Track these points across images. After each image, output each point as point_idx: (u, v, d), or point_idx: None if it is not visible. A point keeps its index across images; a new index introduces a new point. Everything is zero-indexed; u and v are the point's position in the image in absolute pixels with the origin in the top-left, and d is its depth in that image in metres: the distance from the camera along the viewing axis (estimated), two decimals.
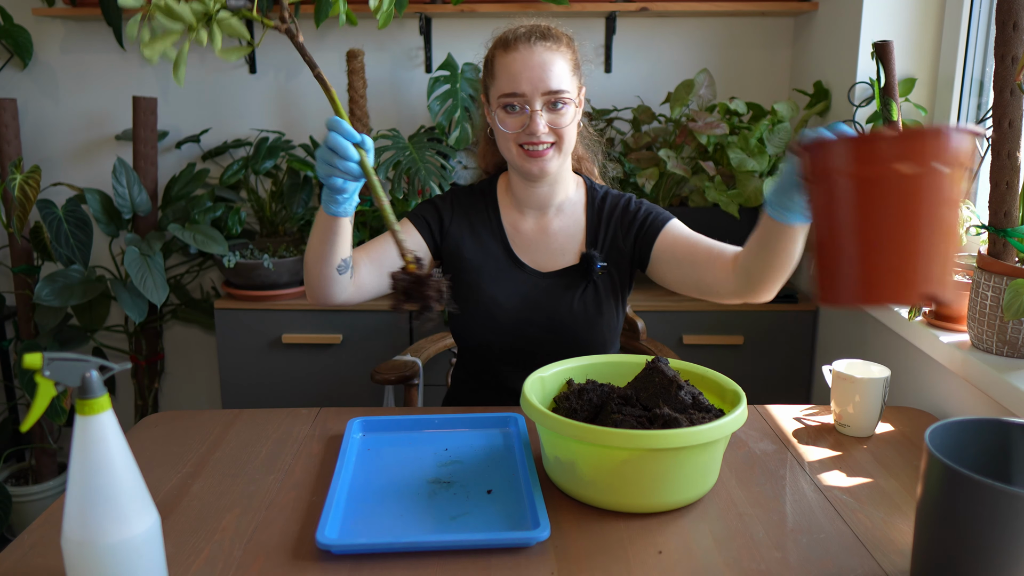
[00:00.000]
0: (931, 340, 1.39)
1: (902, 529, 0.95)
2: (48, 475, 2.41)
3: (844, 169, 0.80)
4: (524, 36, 1.26)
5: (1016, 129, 1.19)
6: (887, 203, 0.78)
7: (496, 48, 1.28)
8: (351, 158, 1.01)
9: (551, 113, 1.26)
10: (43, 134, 2.51)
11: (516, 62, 1.24)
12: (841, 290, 0.82)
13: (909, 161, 0.76)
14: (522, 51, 1.24)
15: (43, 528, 0.95)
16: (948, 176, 0.77)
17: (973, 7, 1.76)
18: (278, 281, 2.18)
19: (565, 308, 1.35)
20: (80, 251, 2.15)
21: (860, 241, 0.80)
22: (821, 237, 0.83)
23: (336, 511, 0.95)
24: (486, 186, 1.43)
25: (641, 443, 0.91)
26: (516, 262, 1.38)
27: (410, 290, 0.97)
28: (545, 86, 1.23)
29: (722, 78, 2.42)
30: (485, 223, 1.40)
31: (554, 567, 0.87)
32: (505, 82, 1.25)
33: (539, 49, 1.24)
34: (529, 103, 1.24)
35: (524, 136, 1.26)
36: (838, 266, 0.82)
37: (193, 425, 1.24)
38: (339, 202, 1.09)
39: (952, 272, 0.80)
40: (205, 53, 2.45)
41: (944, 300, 0.84)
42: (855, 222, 0.80)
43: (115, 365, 0.76)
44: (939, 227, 0.78)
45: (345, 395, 2.20)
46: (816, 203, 0.85)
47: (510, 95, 1.25)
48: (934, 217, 0.77)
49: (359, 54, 2.26)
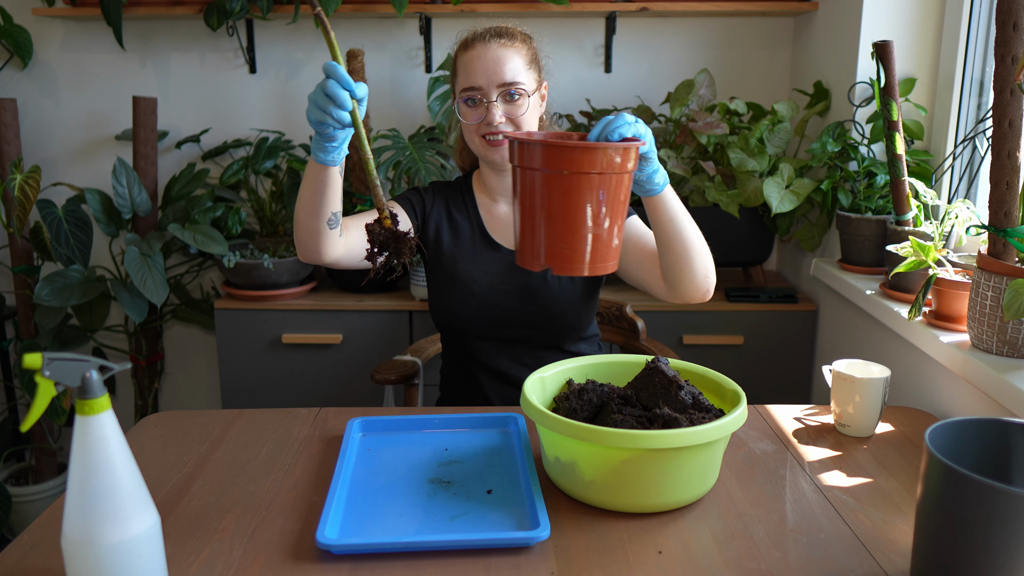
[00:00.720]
0: (931, 340, 1.39)
1: (902, 529, 0.95)
2: (48, 475, 2.41)
3: (515, 162, 1.01)
4: (481, 36, 1.36)
5: (1016, 129, 1.19)
6: (535, 193, 0.99)
7: (459, 48, 1.39)
8: (344, 106, 1.01)
9: (507, 104, 1.34)
10: (43, 134, 2.51)
11: (473, 59, 1.34)
12: (521, 255, 1.04)
13: (550, 166, 0.97)
14: (478, 48, 1.34)
15: (43, 528, 0.95)
16: (587, 178, 0.97)
17: (973, 7, 1.76)
18: (278, 281, 2.18)
19: (538, 279, 1.40)
20: (80, 251, 2.15)
21: (521, 219, 1.03)
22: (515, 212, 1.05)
23: (336, 511, 0.95)
24: (462, 180, 1.52)
25: (641, 443, 0.91)
26: (490, 243, 1.45)
27: (385, 243, 1.03)
28: (500, 78, 1.33)
29: (722, 78, 2.42)
30: (461, 209, 1.47)
31: (554, 567, 0.87)
32: (464, 77, 1.35)
33: (494, 46, 1.34)
34: (486, 95, 1.34)
35: (484, 127, 1.35)
36: (519, 236, 1.04)
37: (193, 425, 1.24)
38: (328, 150, 1.09)
39: (591, 251, 1.00)
40: (204, 53, 2.45)
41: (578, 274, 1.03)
42: (520, 204, 1.02)
43: (115, 365, 0.76)
44: (570, 215, 0.98)
45: (345, 395, 2.20)
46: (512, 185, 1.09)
47: (469, 89, 1.34)
48: (569, 207, 0.98)
49: (359, 54, 2.25)
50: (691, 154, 2.23)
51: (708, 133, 2.09)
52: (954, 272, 1.42)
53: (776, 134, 2.11)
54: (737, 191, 2.07)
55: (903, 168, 1.68)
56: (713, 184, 2.11)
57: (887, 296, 1.64)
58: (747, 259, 2.23)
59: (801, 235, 2.15)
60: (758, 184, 2.04)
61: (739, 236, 2.17)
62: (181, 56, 2.46)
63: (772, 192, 1.99)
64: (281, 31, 2.43)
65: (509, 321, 1.41)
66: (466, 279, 1.41)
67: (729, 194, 2.08)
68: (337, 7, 2.12)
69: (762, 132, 2.09)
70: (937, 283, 1.41)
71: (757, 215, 2.16)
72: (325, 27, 0.97)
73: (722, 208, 2.09)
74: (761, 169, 2.07)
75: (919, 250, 1.44)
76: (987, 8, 1.73)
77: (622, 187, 1.01)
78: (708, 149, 2.16)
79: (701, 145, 2.18)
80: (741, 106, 2.17)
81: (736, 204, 2.08)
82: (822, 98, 2.15)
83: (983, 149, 1.70)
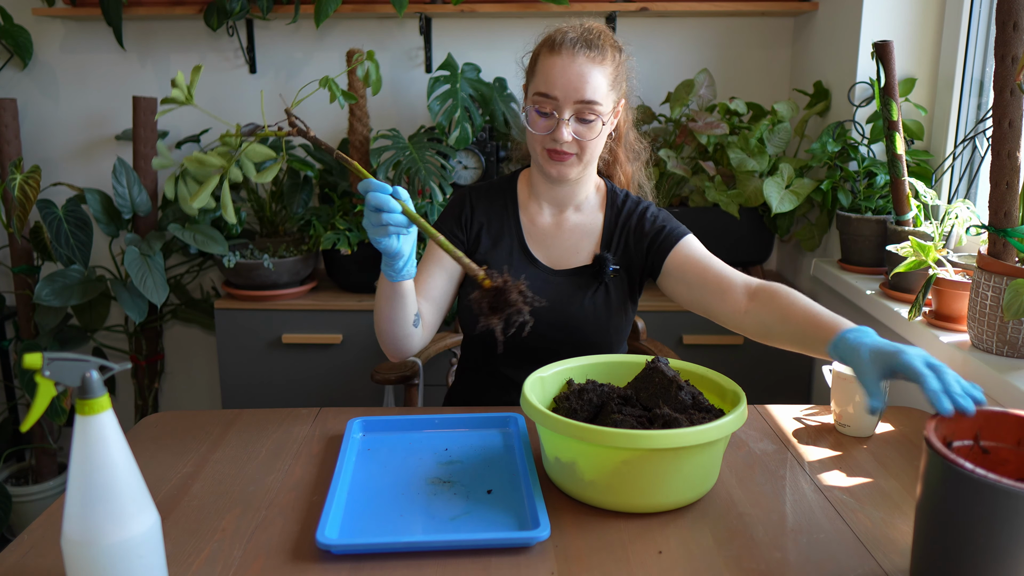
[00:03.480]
0: (931, 340, 1.39)
1: (902, 529, 0.95)
2: (48, 475, 2.41)
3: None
4: (571, 42, 1.26)
5: (1016, 129, 1.19)
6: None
7: (543, 46, 1.30)
8: (394, 209, 1.04)
9: (579, 124, 1.27)
10: (43, 134, 2.51)
11: (556, 66, 1.25)
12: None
13: None
14: (564, 56, 1.25)
15: (43, 528, 0.95)
16: None
17: (973, 7, 1.76)
18: (278, 281, 2.18)
19: (575, 307, 1.36)
20: (80, 251, 2.15)
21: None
22: None
23: (336, 511, 0.95)
24: (506, 182, 1.46)
25: (641, 443, 0.91)
26: (530, 258, 1.40)
27: (495, 303, 1.00)
28: (578, 96, 1.25)
29: (722, 78, 2.42)
30: (502, 217, 1.42)
31: (554, 567, 0.87)
32: (542, 81, 1.27)
33: (581, 59, 1.25)
34: (559, 109, 1.26)
35: (549, 141, 1.28)
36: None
37: (193, 425, 1.24)
38: (399, 268, 1.14)
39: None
40: (204, 53, 2.45)
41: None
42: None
43: (115, 365, 0.76)
44: None
45: (345, 395, 2.20)
46: None
47: (543, 95, 1.27)
48: None
49: (359, 54, 2.25)
50: (691, 154, 2.23)
51: (708, 133, 2.09)
52: (954, 272, 1.42)
53: (776, 134, 2.11)
54: (737, 191, 2.07)
55: (903, 168, 1.68)
56: (713, 184, 2.11)
57: (887, 296, 1.64)
58: (747, 259, 2.23)
59: (801, 235, 2.15)
60: (758, 184, 2.04)
61: (739, 236, 2.17)
62: (181, 56, 2.46)
63: (772, 192, 1.99)
64: (281, 31, 2.43)
65: (539, 344, 1.33)
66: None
67: (729, 194, 2.08)
68: (337, 7, 2.12)
69: (762, 132, 2.09)
70: (937, 283, 1.41)
71: (757, 215, 2.16)
72: (345, 160, 1.04)
73: (722, 208, 2.09)
74: (761, 169, 2.07)
75: (919, 250, 1.44)
76: (987, 8, 1.73)
77: None
78: (708, 149, 2.16)
79: (701, 145, 2.18)
80: (741, 106, 2.17)
81: (736, 204, 2.08)
82: (822, 98, 2.15)
83: (983, 149, 1.70)
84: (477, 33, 2.42)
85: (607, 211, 1.41)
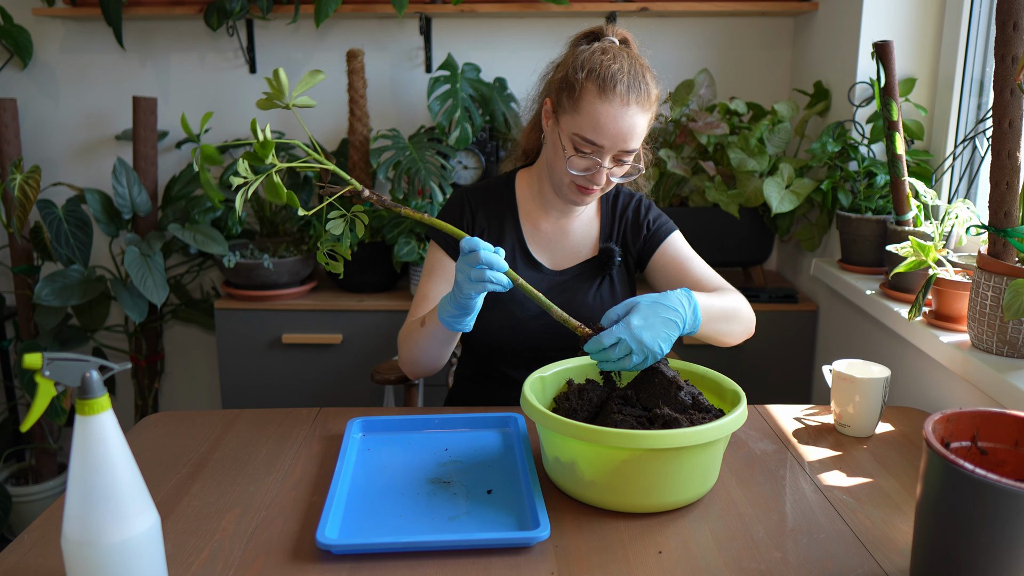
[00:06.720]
0: (931, 340, 1.39)
1: (902, 529, 0.95)
2: (48, 475, 2.41)
3: None
4: (623, 90, 1.22)
5: (1016, 129, 1.19)
6: None
7: (589, 81, 1.22)
8: (501, 268, 1.07)
9: (615, 166, 1.27)
10: (43, 134, 2.51)
11: (606, 115, 1.21)
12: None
13: None
14: (616, 107, 1.21)
15: (43, 528, 0.95)
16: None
17: (973, 7, 1.76)
18: (278, 281, 2.18)
19: (580, 302, 1.37)
20: (80, 251, 2.15)
21: None
22: None
23: (336, 511, 0.95)
24: (503, 185, 1.44)
25: (641, 443, 0.91)
26: (532, 262, 1.40)
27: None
28: (624, 146, 1.24)
29: (722, 78, 2.42)
30: (502, 222, 1.41)
31: (554, 567, 0.87)
32: (589, 126, 1.22)
33: (633, 110, 1.22)
34: (600, 155, 1.24)
35: (584, 180, 1.27)
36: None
37: (193, 425, 1.24)
38: (467, 322, 1.18)
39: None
40: (204, 53, 2.45)
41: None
42: None
43: (115, 365, 0.76)
44: None
45: (345, 395, 2.20)
46: None
47: (589, 142, 1.23)
48: None
49: (359, 54, 2.25)
50: (691, 154, 2.23)
51: (708, 133, 2.09)
52: (954, 272, 1.42)
53: (776, 134, 2.11)
54: (737, 191, 2.07)
55: (903, 168, 1.68)
56: (713, 184, 2.11)
57: (887, 296, 1.64)
58: (747, 259, 2.23)
59: (801, 235, 2.15)
60: (758, 184, 2.04)
61: (739, 236, 2.17)
62: (181, 56, 2.46)
63: (772, 192, 1.99)
64: (281, 31, 2.43)
65: (545, 344, 1.36)
66: (506, 300, 1.35)
67: (729, 194, 2.08)
68: (337, 7, 2.11)
69: (762, 132, 2.09)
70: (937, 283, 1.41)
71: (757, 215, 2.16)
72: (418, 218, 1.05)
73: (722, 208, 2.09)
74: (761, 169, 2.07)
75: (919, 250, 1.44)
76: (987, 8, 1.73)
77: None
78: (708, 149, 2.16)
79: (701, 145, 2.18)
80: (741, 106, 2.17)
81: (736, 204, 2.07)
82: (822, 98, 2.14)
83: (983, 149, 1.70)
84: (477, 33, 2.42)
85: (603, 206, 1.43)
